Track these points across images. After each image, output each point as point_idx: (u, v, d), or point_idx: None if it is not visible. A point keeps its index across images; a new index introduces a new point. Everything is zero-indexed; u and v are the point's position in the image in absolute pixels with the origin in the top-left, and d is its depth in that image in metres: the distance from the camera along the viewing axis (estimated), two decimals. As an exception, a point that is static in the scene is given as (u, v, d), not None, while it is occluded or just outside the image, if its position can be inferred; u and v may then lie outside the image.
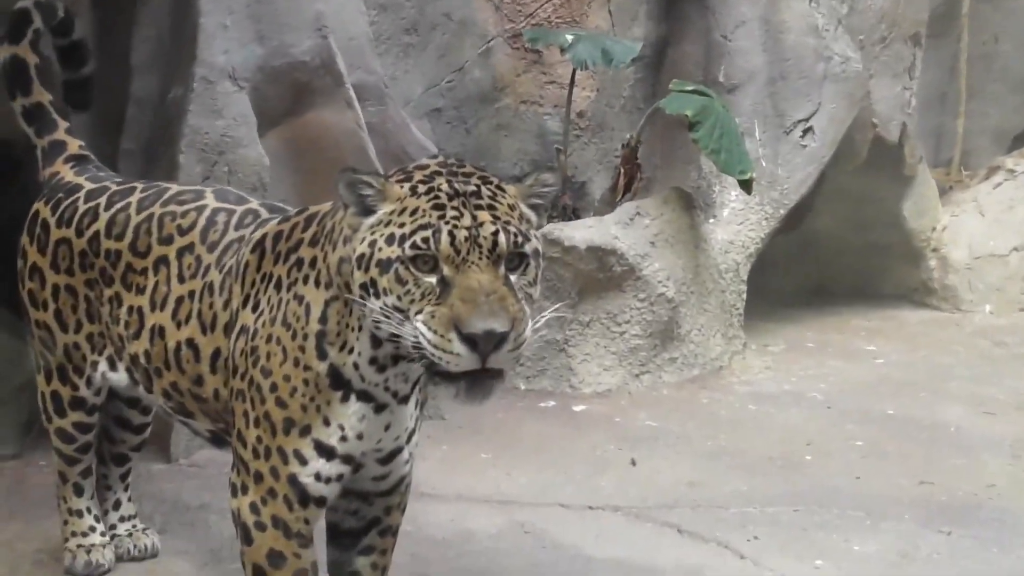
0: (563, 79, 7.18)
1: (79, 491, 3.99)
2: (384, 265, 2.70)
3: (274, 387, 3.01)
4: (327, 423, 2.99)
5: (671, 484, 5.12)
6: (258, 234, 3.24)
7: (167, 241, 3.45)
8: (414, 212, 2.71)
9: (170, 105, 5.13)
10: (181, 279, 3.38)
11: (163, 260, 3.44)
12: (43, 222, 3.77)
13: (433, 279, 2.65)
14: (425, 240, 2.66)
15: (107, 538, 4.04)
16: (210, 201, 3.51)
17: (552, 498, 4.90)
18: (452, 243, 2.64)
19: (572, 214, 6.91)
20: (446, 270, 2.64)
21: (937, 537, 4.62)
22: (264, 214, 3.38)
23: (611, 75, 7.41)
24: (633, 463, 5.39)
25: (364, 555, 3.34)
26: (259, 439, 3.04)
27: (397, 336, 2.71)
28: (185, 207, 3.51)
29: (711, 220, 7.10)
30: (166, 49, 5.18)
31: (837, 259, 8.60)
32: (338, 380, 2.96)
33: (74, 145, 4.01)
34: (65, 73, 4.19)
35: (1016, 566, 4.38)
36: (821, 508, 4.88)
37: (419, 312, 2.64)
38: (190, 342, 3.32)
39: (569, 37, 6.82)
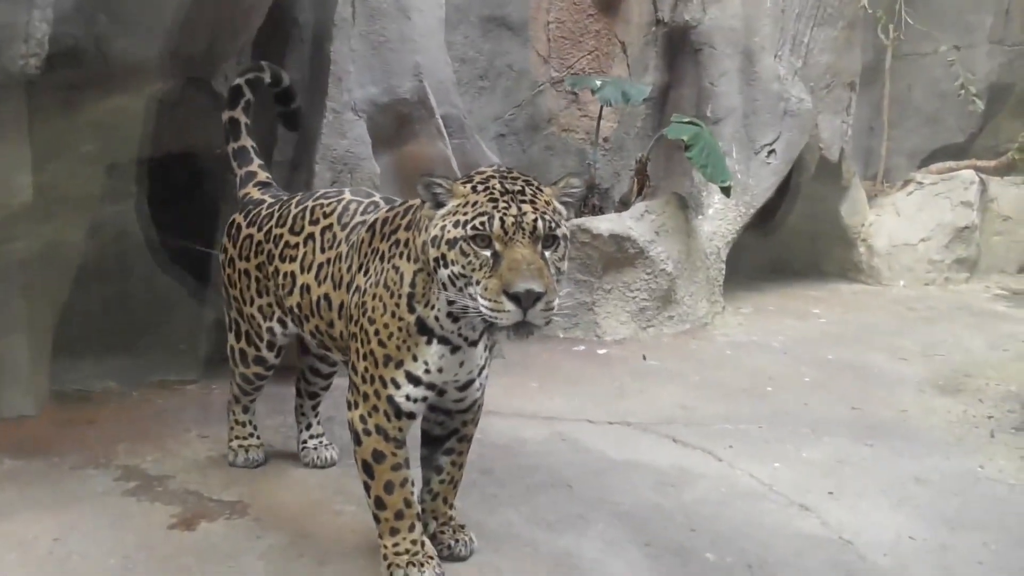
0: (593, 113, 7.09)
1: (245, 410, 4.04)
2: (451, 242, 2.72)
3: (377, 331, 2.99)
4: (415, 359, 2.97)
5: (669, 406, 5.04)
6: (371, 218, 3.24)
7: (315, 222, 3.48)
8: (474, 204, 2.73)
9: (308, 129, 5.08)
10: (323, 250, 3.40)
11: (311, 236, 3.47)
12: (238, 226, 3.84)
13: (488, 252, 2.67)
14: (482, 223, 2.68)
15: (260, 441, 4.05)
16: (347, 195, 3.55)
17: (582, 415, 4.84)
18: (502, 226, 2.66)
19: (599, 211, 6.81)
20: (497, 246, 2.66)
21: (864, 448, 4.54)
22: (382, 204, 3.40)
23: (628, 110, 7.31)
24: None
25: (446, 455, 3.32)
26: (366, 369, 3.03)
27: (455, 301, 2.75)
28: (330, 199, 3.55)
29: (700, 217, 7.00)
30: (306, 87, 5.12)
31: (792, 246, 8.47)
32: (424, 328, 2.95)
33: (262, 175, 4.07)
34: (280, 108, 4.32)
35: (919, 467, 4.30)
36: (778, 426, 4.79)
37: (478, 283, 2.66)
38: (326, 296, 3.33)
39: (598, 82, 6.73)
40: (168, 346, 5.10)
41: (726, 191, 6.58)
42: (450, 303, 2.79)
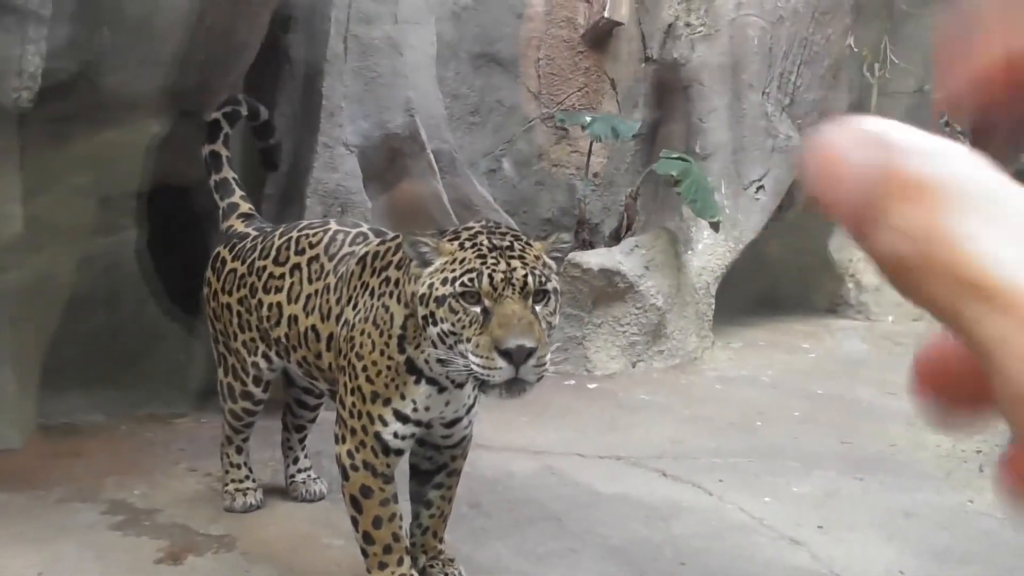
0: (583, 149, 7.11)
1: (239, 451, 3.95)
2: (440, 300, 2.68)
3: (365, 368, 2.97)
4: (403, 397, 2.95)
5: (659, 440, 5.02)
6: (362, 250, 3.23)
7: (301, 253, 3.45)
8: (462, 261, 2.69)
9: (300, 163, 5.10)
10: (310, 280, 3.37)
11: (297, 267, 3.43)
12: (222, 259, 3.80)
13: (477, 309, 2.63)
14: (471, 280, 2.64)
15: (256, 484, 3.96)
16: (333, 226, 3.52)
17: (572, 449, 4.81)
18: (491, 282, 2.62)
19: (589, 245, 6.82)
20: (487, 302, 2.62)
21: (854, 482, 4.52)
22: (371, 236, 3.37)
23: (618, 146, 7.36)
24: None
25: (435, 489, 3.29)
26: (354, 404, 3.01)
27: (446, 360, 2.72)
28: (315, 230, 3.53)
29: (689, 252, 7.01)
30: (298, 122, 5.15)
31: (781, 281, 8.49)
32: (412, 368, 2.92)
33: (245, 206, 4.04)
34: (259, 143, 4.33)
35: (909, 501, 4.29)
36: (768, 459, 4.78)
37: (468, 340, 2.61)
38: (313, 328, 3.30)
39: (588, 118, 6.77)
40: (157, 379, 5.06)
41: (715, 226, 6.60)
42: (440, 361, 2.77)
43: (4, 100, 3.64)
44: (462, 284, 2.65)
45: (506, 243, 2.73)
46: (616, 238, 6.85)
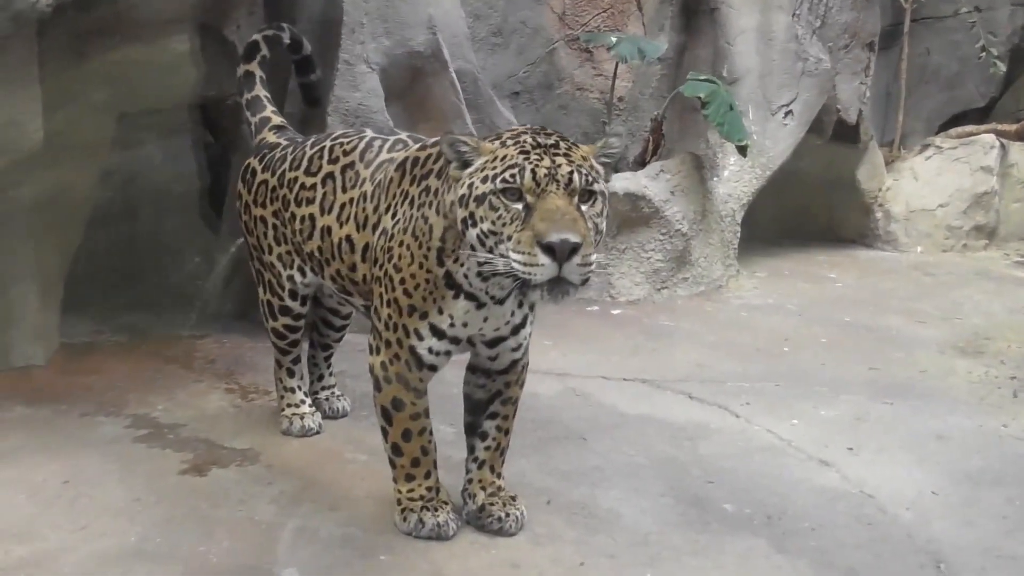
0: (608, 72, 6.95)
1: (291, 374, 3.89)
2: (480, 198, 2.60)
3: (403, 280, 2.90)
4: (440, 312, 2.88)
5: (684, 365, 4.98)
6: (401, 156, 3.13)
7: (334, 161, 3.37)
8: (503, 158, 2.61)
9: (321, 81, 5.01)
10: (344, 189, 3.28)
11: (330, 175, 3.35)
12: (252, 170, 3.74)
13: (519, 205, 2.55)
14: (512, 176, 2.56)
15: (313, 408, 3.92)
16: (369, 133, 3.43)
17: (596, 372, 4.79)
18: (534, 177, 2.54)
19: (613, 170, 6.70)
20: (529, 198, 2.54)
21: (883, 406, 4.49)
22: (410, 143, 3.27)
23: (644, 69, 7.20)
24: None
25: (490, 419, 3.17)
26: (390, 316, 2.95)
27: (485, 262, 2.63)
28: (349, 137, 3.44)
29: (715, 178, 6.88)
30: (318, 40, 5.02)
31: (808, 210, 8.35)
32: (451, 282, 2.85)
33: (276, 119, 4.01)
34: (299, 78, 4.33)
35: (938, 425, 4.26)
36: (795, 384, 4.74)
37: (508, 238, 2.53)
38: (348, 238, 3.22)
39: (613, 39, 6.59)
40: (179, 299, 5.05)
41: (742, 150, 6.46)
42: (480, 264, 2.68)
43: (23, 4, 3.57)
44: (503, 180, 2.57)
45: (551, 141, 2.65)
46: (641, 163, 6.73)
